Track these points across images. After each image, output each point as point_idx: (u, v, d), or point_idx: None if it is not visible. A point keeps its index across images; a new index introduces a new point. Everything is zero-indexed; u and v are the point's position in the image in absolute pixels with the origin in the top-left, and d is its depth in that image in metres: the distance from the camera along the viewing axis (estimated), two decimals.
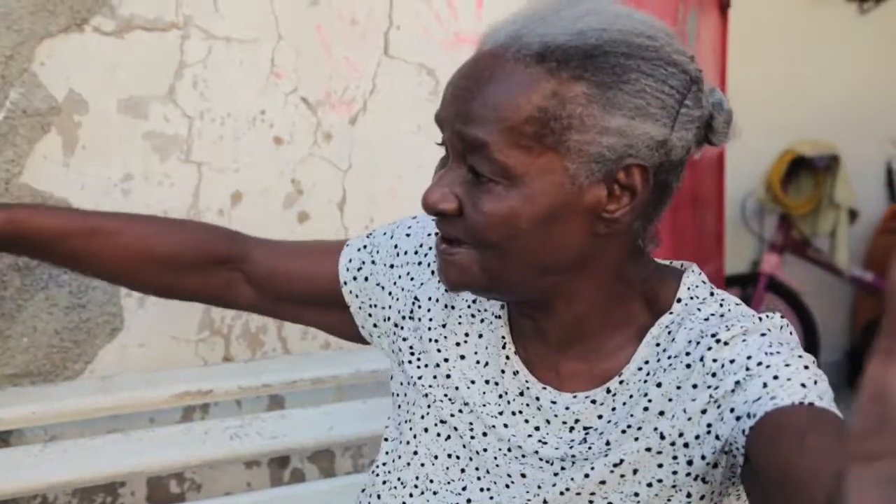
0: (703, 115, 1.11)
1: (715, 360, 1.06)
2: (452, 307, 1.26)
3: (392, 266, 1.31)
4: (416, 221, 1.33)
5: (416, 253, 1.31)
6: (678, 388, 1.09)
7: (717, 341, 1.06)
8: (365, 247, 1.34)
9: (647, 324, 1.15)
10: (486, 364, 1.22)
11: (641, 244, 1.15)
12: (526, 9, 1.09)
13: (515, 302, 1.20)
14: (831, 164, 4.74)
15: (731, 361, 1.05)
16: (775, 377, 1.02)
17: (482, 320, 1.24)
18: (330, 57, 1.79)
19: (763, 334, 1.06)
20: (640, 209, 1.09)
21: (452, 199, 1.08)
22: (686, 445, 1.08)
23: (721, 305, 1.13)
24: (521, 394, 1.19)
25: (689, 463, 1.08)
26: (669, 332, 1.13)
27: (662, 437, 1.09)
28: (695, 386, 1.07)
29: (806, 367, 1.03)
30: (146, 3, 1.62)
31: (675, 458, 1.08)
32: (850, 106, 5.12)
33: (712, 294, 1.15)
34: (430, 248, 1.30)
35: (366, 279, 1.33)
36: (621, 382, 1.14)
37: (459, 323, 1.25)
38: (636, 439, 1.10)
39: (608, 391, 1.14)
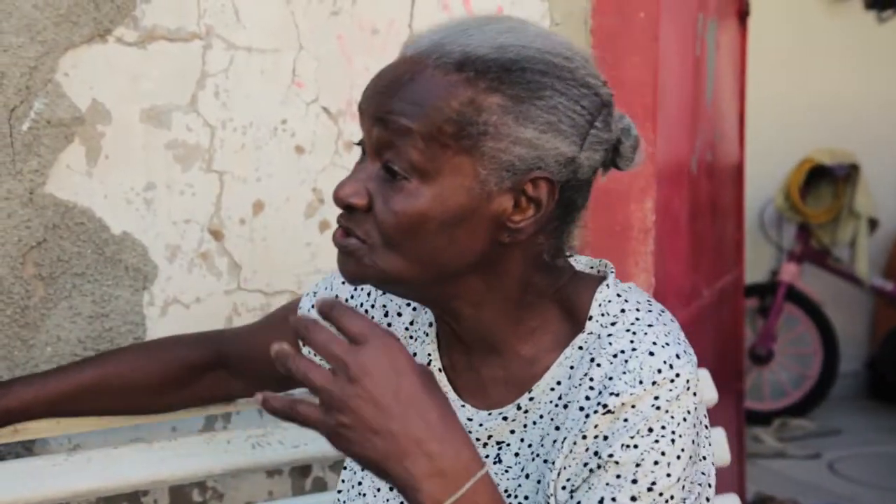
0: (611, 138, 1.15)
1: (596, 437, 1.10)
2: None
3: None
4: None
5: (352, 297, 1.36)
6: (573, 441, 1.12)
7: (607, 411, 1.09)
8: (313, 306, 1.40)
9: (562, 334, 1.18)
10: None
11: (547, 258, 1.17)
12: (450, 22, 1.14)
13: (430, 310, 1.23)
14: (851, 172, 4.72)
15: (605, 439, 1.09)
16: (633, 480, 1.07)
17: (416, 339, 1.28)
18: (351, 66, 1.80)
19: (654, 404, 1.08)
20: (545, 223, 1.13)
21: (364, 194, 1.11)
22: (548, 479, 1.12)
23: (631, 334, 1.13)
24: None
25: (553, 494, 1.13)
26: (582, 358, 1.15)
27: (539, 483, 1.15)
28: (581, 431, 1.10)
29: (678, 458, 1.08)
30: (169, 13, 1.63)
31: (547, 495, 1.12)
32: (869, 114, 5.10)
33: (623, 311, 1.16)
34: (362, 289, 1.35)
35: None
36: (531, 399, 1.17)
37: None
38: (543, 475, 1.15)
39: (519, 407, 1.17)
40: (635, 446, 1.07)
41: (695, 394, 1.11)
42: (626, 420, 1.08)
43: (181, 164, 1.67)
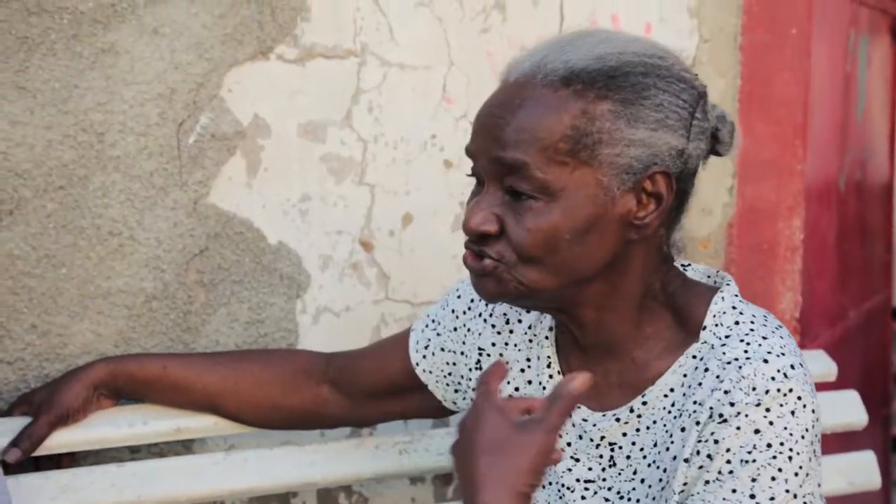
0: (710, 126, 1.20)
1: (712, 442, 1.12)
2: (509, 340, 1.35)
3: (455, 329, 1.42)
4: (462, 282, 1.44)
5: (469, 309, 1.41)
6: (685, 430, 1.15)
7: (722, 420, 1.11)
8: (427, 326, 1.46)
9: (674, 342, 1.21)
10: (540, 384, 1.30)
11: (667, 250, 1.22)
12: (543, 43, 1.19)
13: (553, 316, 1.27)
14: None
15: (715, 442, 1.11)
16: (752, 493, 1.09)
17: (537, 343, 1.32)
18: None
19: (768, 418, 1.10)
20: (665, 214, 1.18)
21: (494, 220, 1.16)
22: (671, 487, 1.15)
23: (745, 344, 1.15)
24: None
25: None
26: (696, 368, 1.17)
27: (661, 480, 1.17)
28: (699, 441, 1.13)
29: (796, 475, 1.09)
30: (326, 32, 1.69)
31: (665, 501, 1.16)
32: None
33: (738, 322, 1.18)
34: (480, 301, 1.39)
35: (434, 354, 1.44)
36: (644, 403, 1.20)
37: (519, 350, 1.33)
38: (660, 480, 1.17)
39: (632, 410, 1.21)
40: (753, 461, 1.09)
41: (813, 411, 1.12)
42: (738, 428, 1.10)
43: (335, 176, 1.72)
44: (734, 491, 1.09)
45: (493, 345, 1.37)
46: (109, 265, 1.55)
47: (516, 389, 1.33)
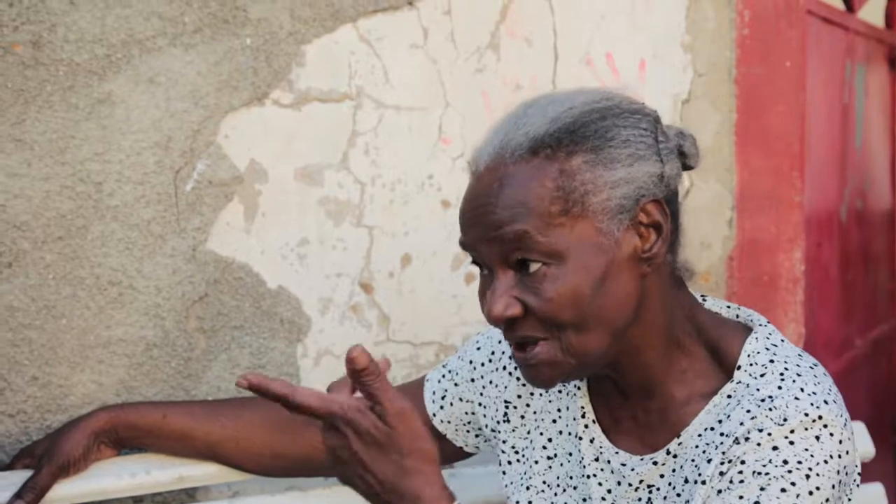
0: (674, 145, 1.22)
1: (730, 461, 1.13)
2: (534, 391, 1.36)
3: (473, 380, 1.42)
4: (482, 335, 1.45)
5: (490, 361, 1.41)
6: (719, 472, 1.15)
7: (745, 439, 1.12)
8: (444, 376, 1.46)
9: (714, 382, 1.22)
10: (573, 434, 1.30)
11: (678, 273, 1.24)
12: (495, 126, 1.22)
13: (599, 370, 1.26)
14: None
15: (743, 462, 1.12)
16: None
17: (567, 393, 1.33)
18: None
19: (790, 438, 1.10)
20: (668, 239, 1.20)
21: (515, 303, 1.17)
22: None
23: (780, 380, 1.16)
24: (597, 459, 1.27)
25: None
26: (729, 405, 1.18)
27: None
28: (721, 462, 1.14)
29: (810, 494, 1.08)
30: (321, 76, 1.70)
31: None
32: None
33: (773, 361, 1.19)
34: (503, 353, 1.40)
35: (451, 404, 1.44)
36: (679, 444, 1.21)
37: (550, 401, 1.34)
38: None
39: (668, 452, 1.21)
40: (766, 473, 1.09)
41: (841, 442, 1.12)
42: (758, 444, 1.11)
43: (333, 219, 1.73)
44: (741, 497, 1.09)
45: (520, 396, 1.37)
46: (109, 314, 1.55)
47: (549, 440, 1.33)
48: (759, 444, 1.11)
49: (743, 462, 1.11)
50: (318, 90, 1.70)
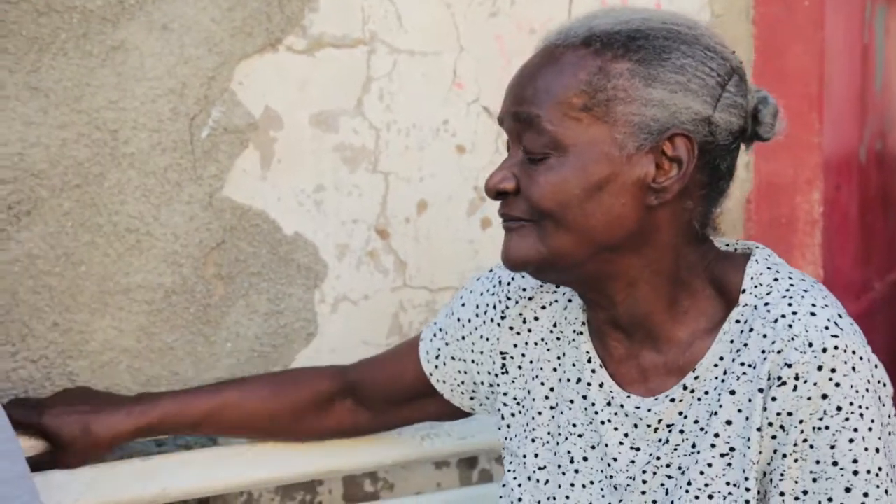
0: (747, 104, 1.19)
1: (779, 413, 1.12)
2: (529, 339, 1.34)
3: (462, 338, 1.42)
4: (464, 289, 1.44)
5: (476, 316, 1.40)
6: (749, 400, 1.14)
7: (781, 383, 1.11)
8: (435, 335, 1.45)
9: (718, 315, 1.20)
10: (578, 381, 1.29)
11: (697, 227, 1.20)
12: (579, 14, 1.23)
13: (581, 292, 1.26)
14: None
15: (790, 415, 1.11)
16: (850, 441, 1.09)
17: (568, 341, 1.31)
18: (510, 66, 1.82)
19: (832, 378, 1.09)
20: (690, 184, 1.17)
21: (511, 178, 1.19)
22: (748, 458, 1.14)
23: (789, 298, 1.15)
24: (609, 403, 1.25)
25: (751, 475, 1.14)
26: (741, 331, 1.17)
27: (732, 449, 1.15)
28: (764, 409, 1.12)
29: (870, 430, 1.09)
30: (335, 21, 1.69)
31: (743, 470, 1.14)
32: None
33: (777, 279, 1.18)
34: (488, 305, 1.39)
35: (445, 364, 1.44)
36: (696, 378, 1.19)
37: (548, 349, 1.33)
38: (713, 445, 1.16)
39: (684, 387, 1.20)
40: (826, 427, 1.09)
41: (868, 360, 1.12)
42: (809, 398, 1.10)
43: (348, 165, 1.73)
44: (818, 462, 1.09)
45: (515, 346, 1.36)
46: (128, 261, 1.56)
47: (551, 390, 1.31)
48: (810, 399, 1.09)
49: (802, 422, 1.10)
50: (331, 36, 1.69)
